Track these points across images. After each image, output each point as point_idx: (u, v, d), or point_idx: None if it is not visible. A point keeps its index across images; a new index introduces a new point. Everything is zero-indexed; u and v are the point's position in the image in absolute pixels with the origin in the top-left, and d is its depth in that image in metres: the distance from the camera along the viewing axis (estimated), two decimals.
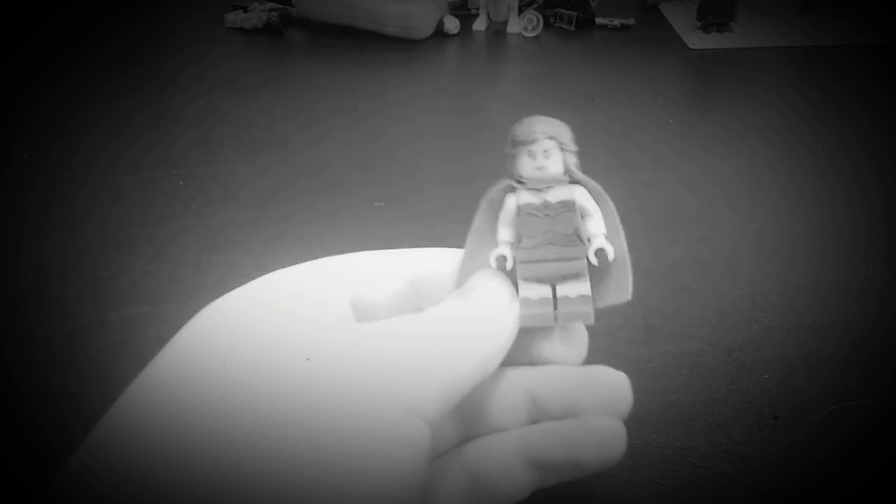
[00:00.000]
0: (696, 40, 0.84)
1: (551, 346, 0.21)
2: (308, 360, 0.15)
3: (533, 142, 0.19)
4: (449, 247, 0.22)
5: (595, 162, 0.20)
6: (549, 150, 0.19)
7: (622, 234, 0.20)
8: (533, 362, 0.21)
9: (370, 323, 0.17)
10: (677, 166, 0.55)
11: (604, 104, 0.67)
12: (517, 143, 0.19)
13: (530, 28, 0.86)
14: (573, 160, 0.20)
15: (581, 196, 0.20)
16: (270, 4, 0.91)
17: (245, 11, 0.91)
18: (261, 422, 0.14)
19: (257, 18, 0.88)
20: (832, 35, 0.84)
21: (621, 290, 0.21)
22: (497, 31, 0.88)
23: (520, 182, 0.20)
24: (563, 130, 0.20)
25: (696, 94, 0.72)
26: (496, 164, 0.20)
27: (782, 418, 0.32)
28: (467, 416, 0.21)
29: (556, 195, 0.19)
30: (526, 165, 0.19)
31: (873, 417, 0.32)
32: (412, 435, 0.15)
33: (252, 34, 0.88)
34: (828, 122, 0.62)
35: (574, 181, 0.20)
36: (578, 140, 0.20)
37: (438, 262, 0.21)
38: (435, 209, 0.48)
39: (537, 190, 0.19)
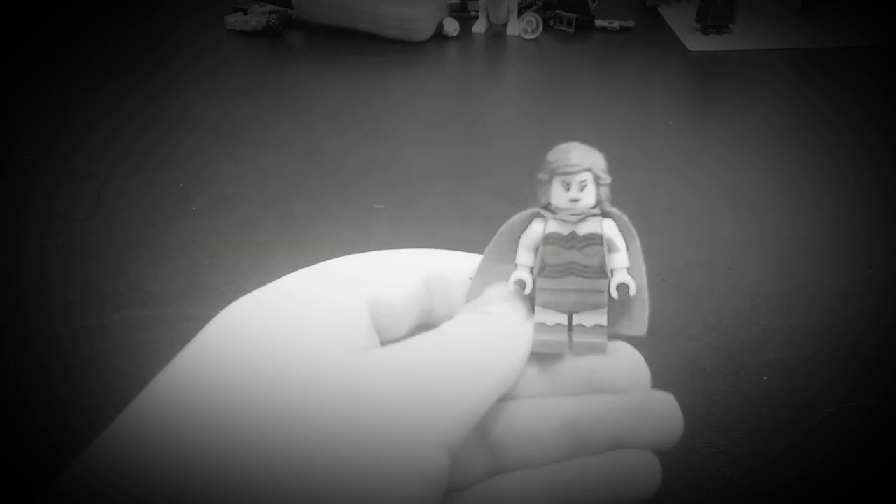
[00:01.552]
0: (696, 42, 0.84)
1: (617, 371, 0.20)
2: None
3: (570, 173, 0.19)
4: (451, 249, 0.22)
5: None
6: (584, 182, 0.19)
7: (644, 269, 0.20)
8: (592, 388, 0.20)
9: (387, 347, 0.17)
10: (677, 168, 0.55)
11: (603, 106, 0.67)
12: (553, 172, 0.19)
13: (530, 30, 0.86)
14: (605, 192, 0.20)
15: (609, 229, 0.20)
16: (270, 7, 0.91)
17: (245, 14, 0.91)
18: (271, 446, 0.14)
19: (257, 21, 0.89)
20: (831, 37, 0.84)
21: (637, 323, 0.21)
22: (497, 34, 0.89)
23: (548, 210, 0.20)
24: (599, 161, 0.20)
25: (696, 95, 0.72)
26: (496, 164, 0.20)
27: (782, 420, 0.32)
28: (497, 448, 0.20)
29: (584, 228, 0.19)
30: (560, 196, 0.19)
31: (872, 419, 0.32)
32: (428, 467, 0.15)
33: (252, 36, 0.88)
34: (827, 124, 0.62)
35: (605, 213, 0.20)
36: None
37: (450, 263, 0.21)
38: (435, 210, 0.48)
39: (566, 221, 0.19)
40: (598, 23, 0.89)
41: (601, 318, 0.20)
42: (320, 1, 0.85)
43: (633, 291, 0.20)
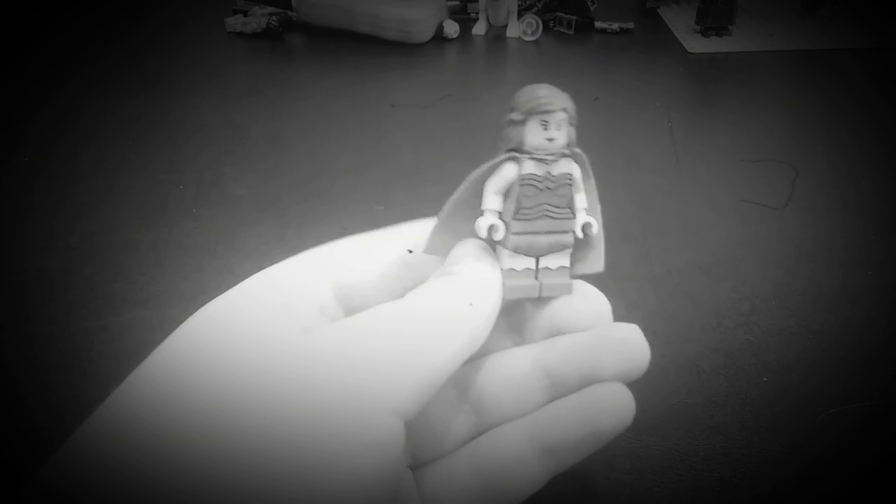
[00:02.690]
0: (695, 44, 0.84)
1: (577, 311, 0.20)
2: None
3: (549, 111, 0.19)
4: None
5: (593, 165, 0.20)
6: (560, 122, 0.19)
7: (599, 208, 0.20)
8: (557, 331, 0.20)
9: (348, 318, 0.17)
10: (676, 170, 0.55)
11: (603, 107, 0.67)
12: (530, 111, 0.19)
13: (529, 32, 0.87)
14: (574, 133, 0.20)
15: (576, 169, 0.20)
16: (270, 9, 0.91)
17: (245, 16, 0.92)
18: (238, 420, 0.14)
19: (257, 23, 0.89)
20: (831, 38, 0.85)
21: (595, 261, 0.21)
22: (496, 35, 0.89)
23: (522, 151, 0.19)
24: (570, 102, 0.20)
25: (695, 97, 0.72)
26: None
27: (781, 421, 0.32)
28: (480, 407, 0.20)
29: (558, 168, 0.19)
30: (536, 134, 0.19)
31: (871, 420, 0.32)
32: (380, 433, 0.15)
33: (252, 38, 0.89)
34: (826, 126, 0.62)
35: (570, 154, 0.20)
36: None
37: (425, 234, 0.21)
38: (435, 212, 0.48)
39: (542, 161, 0.19)
40: (597, 25, 0.89)
41: (565, 260, 0.20)
42: (320, 3, 0.85)
43: (595, 230, 0.20)
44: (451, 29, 0.86)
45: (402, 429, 0.15)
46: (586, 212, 0.20)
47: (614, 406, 0.19)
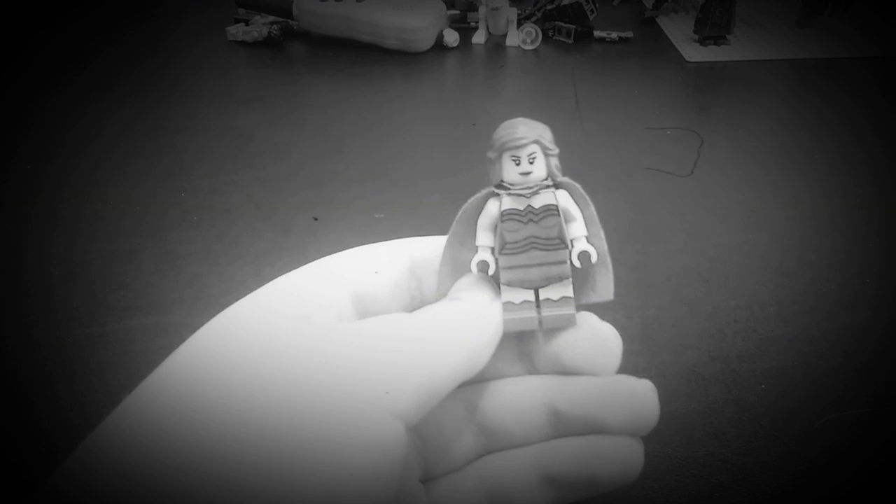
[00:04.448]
0: (694, 53, 0.84)
1: (582, 354, 0.20)
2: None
3: (518, 147, 0.19)
4: None
5: (591, 173, 0.21)
6: (533, 155, 0.19)
7: (602, 234, 0.20)
8: (564, 371, 0.21)
9: (355, 322, 0.17)
10: (674, 178, 0.55)
11: (601, 115, 0.67)
12: (501, 148, 0.19)
13: (529, 41, 0.87)
14: (555, 162, 0.20)
15: (563, 199, 0.20)
16: (272, 18, 0.92)
17: (247, 25, 0.92)
18: (248, 425, 0.14)
19: (258, 31, 0.89)
20: (828, 47, 0.85)
21: (604, 290, 0.21)
22: (496, 44, 0.89)
23: (502, 187, 0.20)
24: (545, 133, 0.20)
25: (694, 105, 0.73)
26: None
27: (779, 428, 0.32)
28: (488, 430, 0.21)
29: (539, 200, 0.19)
30: (510, 171, 0.19)
31: (869, 426, 0.32)
32: (382, 434, 0.15)
33: (253, 47, 0.89)
34: (824, 133, 0.63)
35: (557, 184, 0.20)
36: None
37: (432, 247, 0.21)
38: (434, 220, 0.48)
39: (521, 195, 0.19)
40: (596, 34, 0.90)
41: (567, 290, 0.20)
42: (321, 12, 0.86)
43: (594, 258, 0.20)
44: (452, 38, 0.87)
45: (402, 432, 0.15)
46: (587, 239, 0.20)
47: (616, 459, 0.19)
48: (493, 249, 0.20)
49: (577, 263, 0.20)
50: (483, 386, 0.21)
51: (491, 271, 0.20)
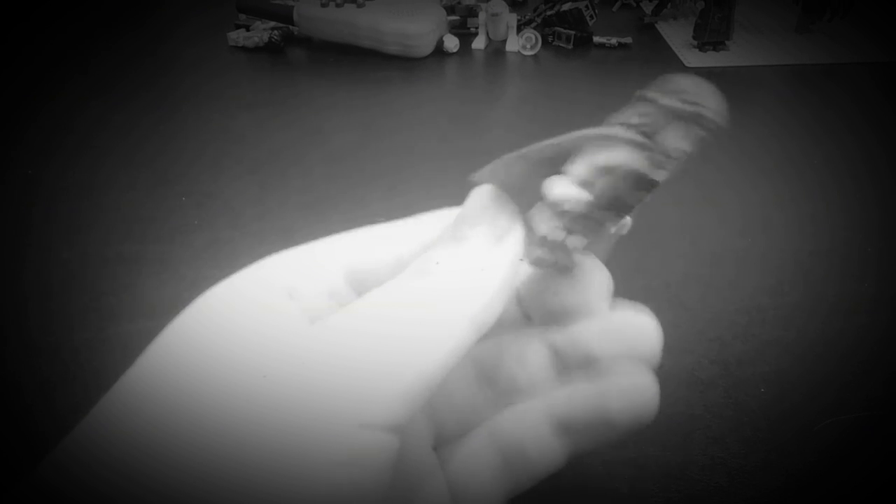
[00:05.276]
0: (693, 59, 0.85)
1: (565, 295, 0.20)
2: (264, 377, 0.15)
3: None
4: None
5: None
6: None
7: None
8: (557, 319, 0.20)
9: (340, 314, 0.16)
10: (673, 183, 0.55)
11: (601, 120, 0.67)
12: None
13: (529, 47, 0.87)
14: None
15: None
16: (272, 24, 0.92)
17: (247, 30, 0.92)
18: (227, 430, 0.14)
19: (259, 37, 0.90)
20: (827, 53, 0.85)
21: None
22: (496, 50, 0.90)
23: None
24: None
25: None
26: None
27: (778, 431, 0.32)
28: (493, 381, 0.20)
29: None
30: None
31: (871, 431, 0.32)
32: (356, 450, 0.14)
33: (254, 52, 0.89)
34: (823, 139, 0.63)
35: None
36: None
37: (442, 222, 0.21)
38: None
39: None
40: (596, 39, 0.90)
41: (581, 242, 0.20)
42: (322, 18, 0.86)
43: (626, 230, 0.21)
44: (452, 43, 0.87)
45: (381, 440, 0.15)
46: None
47: (628, 397, 0.19)
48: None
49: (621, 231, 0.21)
50: (492, 342, 0.21)
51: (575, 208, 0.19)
